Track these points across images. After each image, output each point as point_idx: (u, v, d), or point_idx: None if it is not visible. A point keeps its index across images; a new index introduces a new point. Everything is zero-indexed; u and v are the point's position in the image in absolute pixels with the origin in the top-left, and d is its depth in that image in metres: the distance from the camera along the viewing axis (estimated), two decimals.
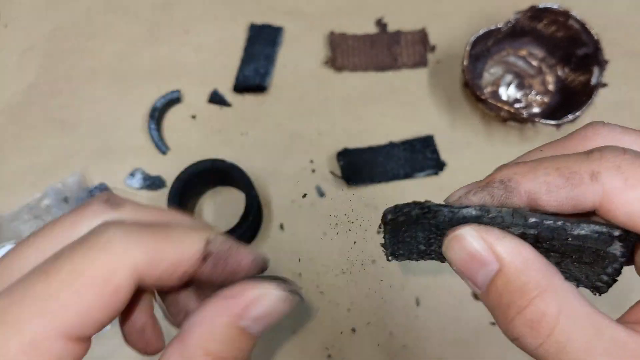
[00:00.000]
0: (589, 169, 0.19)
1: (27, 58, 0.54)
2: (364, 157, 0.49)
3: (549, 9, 0.48)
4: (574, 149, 0.23)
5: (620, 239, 0.22)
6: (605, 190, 0.19)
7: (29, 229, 0.46)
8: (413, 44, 0.53)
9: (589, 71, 0.48)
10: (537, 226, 0.21)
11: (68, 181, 0.48)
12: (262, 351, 0.45)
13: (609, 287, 0.25)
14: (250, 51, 0.53)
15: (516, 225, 0.21)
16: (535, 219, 0.21)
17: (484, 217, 0.21)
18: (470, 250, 0.20)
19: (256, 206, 0.44)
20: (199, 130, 0.51)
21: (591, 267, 0.25)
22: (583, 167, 0.20)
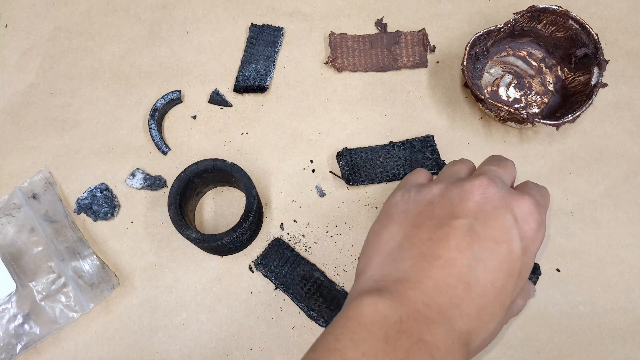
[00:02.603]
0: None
1: (27, 58, 0.54)
2: (364, 157, 0.49)
3: (549, 9, 0.48)
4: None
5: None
6: None
7: (1, 227, 0.47)
8: (413, 44, 0.53)
9: (588, 71, 0.48)
10: None
11: (34, 179, 0.49)
12: (261, 349, 0.45)
13: None
14: (251, 51, 0.53)
15: None
16: None
17: None
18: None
19: (256, 206, 0.44)
20: (199, 130, 0.51)
21: None
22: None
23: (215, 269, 0.47)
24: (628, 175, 0.49)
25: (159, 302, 0.46)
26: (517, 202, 0.33)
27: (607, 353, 0.44)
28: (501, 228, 0.32)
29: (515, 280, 0.32)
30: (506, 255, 0.32)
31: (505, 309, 0.32)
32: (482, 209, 0.33)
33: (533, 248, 0.33)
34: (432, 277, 0.31)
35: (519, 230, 0.32)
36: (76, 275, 0.46)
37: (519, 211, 0.33)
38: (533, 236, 0.33)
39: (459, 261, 0.31)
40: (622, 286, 0.46)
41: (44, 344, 0.45)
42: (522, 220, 0.33)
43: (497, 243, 0.32)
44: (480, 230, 0.32)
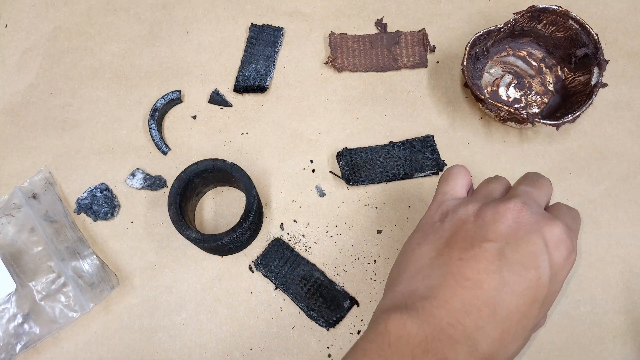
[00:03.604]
0: None
1: (27, 58, 0.54)
2: (364, 157, 0.49)
3: (549, 9, 0.48)
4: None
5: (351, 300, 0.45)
6: None
7: (1, 227, 0.47)
8: (413, 45, 0.53)
9: (588, 71, 0.48)
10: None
11: (34, 179, 0.49)
12: (261, 349, 0.45)
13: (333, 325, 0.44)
14: (251, 51, 0.53)
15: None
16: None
17: None
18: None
19: (256, 206, 0.44)
20: (199, 130, 0.51)
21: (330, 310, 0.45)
22: None
23: (215, 269, 0.47)
24: (628, 175, 0.49)
25: (159, 302, 0.46)
26: (550, 227, 0.33)
27: (608, 353, 0.44)
28: (531, 253, 0.32)
29: (540, 305, 0.32)
30: (534, 282, 0.32)
31: (527, 332, 0.33)
32: (514, 233, 0.33)
33: (561, 275, 0.33)
34: (458, 298, 0.31)
35: (549, 256, 0.32)
36: (76, 275, 0.46)
37: (551, 237, 0.33)
38: (562, 263, 0.33)
39: (486, 284, 0.31)
40: (622, 286, 0.46)
41: (43, 343, 0.45)
42: (553, 247, 0.33)
43: (526, 268, 0.32)
44: (510, 255, 0.32)
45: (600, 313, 0.45)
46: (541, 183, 0.38)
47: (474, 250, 0.33)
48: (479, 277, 0.32)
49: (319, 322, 0.45)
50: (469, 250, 0.33)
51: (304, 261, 0.46)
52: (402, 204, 0.48)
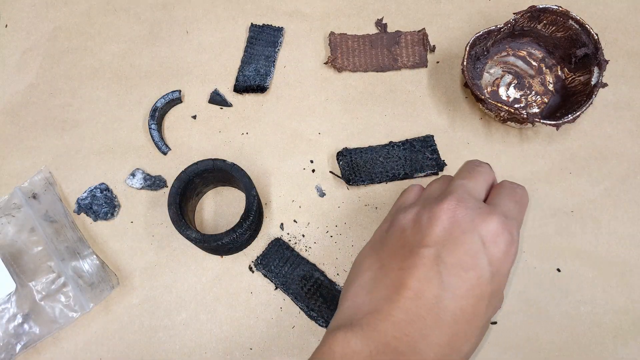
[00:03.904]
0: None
1: (27, 58, 0.54)
2: (364, 157, 0.49)
3: (549, 9, 0.48)
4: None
5: None
6: None
7: (1, 227, 0.47)
8: (413, 45, 0.53)
9: (588, 71, 0.48)
10: None
11: (34, 179, 0.49)
12: (261, 349, 0.45)
13: None
14: (251, 51, 0.53)
15: None
16: None
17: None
18: None
19: (256, 206, 0.44)
20: (199, 130, 0.51)
21: None
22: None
23: (215, 269, 0.47)
24: (628, 175, 0.49)
25: (159, 302, 0.46)
26: (485, 223, 0.33)
27: (608, 353, 0.44)
28: (468, 254, 0.32)
29: (486, 302, 0.32)
30: (475, 282, 0.31)
31: (479, 330, 0.32)
32: (449, 234, 0.33)
33: (504, 269, 0.33)
34: (401, 309, 0.31)
35: (487, 253, 0.32)
36: (76, 275, 0.46)
37: (487, 233, 0.32)
38: (502, 258, 0.33)
39: (427, 291, 0.31)
40: (622, 286, 0.46)
41: (43, 343, 0.45)
42: (491, 243, 0.32)
43: (465, 270, 0.32)
44: (447, 258, 0.32)
45: (600, 313, 0.45)
46: (477, 172, 0.37)
47: (413, 258, 0.32)
48: (419, 286, 0.31)
49: (319, 322, 0.45)
50: (408, 258, 0.33)
51: (304, 261, 0.46)
52: None
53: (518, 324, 0.45)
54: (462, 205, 0.33)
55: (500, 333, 0.45)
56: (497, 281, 0.32)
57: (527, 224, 0.48)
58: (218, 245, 0.43)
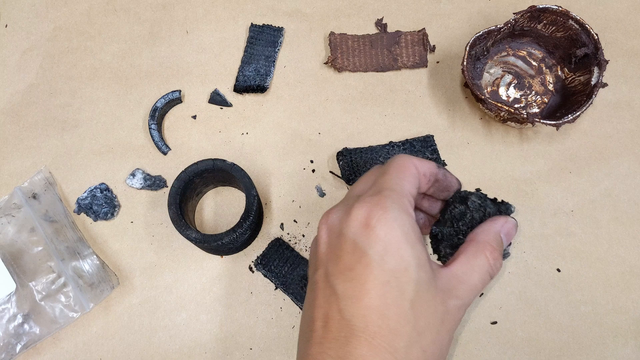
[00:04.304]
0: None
1: (27, 58, 0.54)
2: (364, 157, 0.49)
3: (549, 9, 0.48)
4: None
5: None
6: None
7: (1, 227, 0.47)
8: (413, 44, 0.53)
9: (588, 71, 0.48)
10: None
11: (34, 179, 0.49)
12: (261, 349, 0.45)
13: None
14: (251, 51, 0.53)
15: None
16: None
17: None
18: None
19: (256, 206, 0.44)
20: (199, 130, 0.51)
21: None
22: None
23: (215, 269, 0.47)
24: (628, 175, 0.49)
25: (159, 302, 0.46)
26: (353, 214, 0.31)
27: (608, 353, 0.44)
28: (348, 252, 0.30)
29: (395, 284, 0.29)
30: (367, 274, 0.29)
31: (410, 313, 0.30)
32: (329, 246, 0.32)
33: (392, 238, 0.30)
34: (316, 344, 0.30)
35: (366, 238, 0.30)
36: (76, 275, 0.46)
37: (357, 222, 0.30)
38: (384, 232, 0.30)
39: (331, 312, 0.30)
40: (622, 286, 0.46)
41: (43, 343, 0.45)
42: (364, 228, 0.30)
43: (351, 269, 0.30)
44: (334, 269, 0.31)
45: (600, 313, 0.45)
46: (366, 175, 0.36)
47: (311, 287, 0.32)
48: (324, 312, 0.30)
49: None
50: (310, 289, 0.32)
51: (304, 261, 0.46)
52: None
53: (518, 324, 0.45)
54: (332, 211, 0.33)
55: (500, 333, 0.45)
56: (390, 258, 0.30)
57: (527, 224, 0.48)
58: (218, 245, 0.43)
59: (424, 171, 0.34)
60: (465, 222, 0.36)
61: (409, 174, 0.33)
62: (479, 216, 0.36)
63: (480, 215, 0.36)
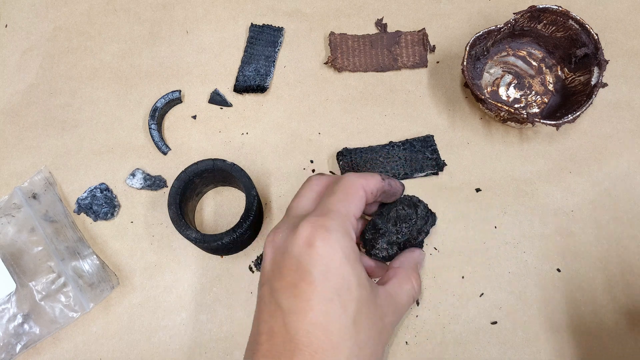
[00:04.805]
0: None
1: (27, 58, 0.54)
2: (364, 157, 0.49)
3: (549, 9, 0.48)
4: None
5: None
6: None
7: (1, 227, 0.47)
8: (413, 45, 0.53)
9: (588, 71, 0.48)
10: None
11: (34, 179, 0.49)
12: None
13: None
14: (251, 51, 0.53)
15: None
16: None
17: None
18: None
19: (256, 206, 0.44)
20: (199, 130, 0.51)
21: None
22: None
23: (215, 269, 0.47)
24: (628, 175, 0.49)
25: (159, 302, 0.46)
26: (297, 233, 0.32)
27: (608, 353, 0.44)
28: (292, 269, 0.32)
29: (338, 302, 0.31)
30: (311, 291, 0.31)
31: (360, 329, 0.31)
32: (275, 263, 0.33)
33: (334, 258, 0.32)
34: (261, 357, 0.31)
35: (309, 257, 0.31)
36: (76, 275, 0.46)
37: (301, 241, 0.32)
38: (326, 253, 0.31)
39: (276, 327, 0.31)
40: (622, 286, 0.46)
41: (43, 344, 0.45)
42: (308, 247, 0.32)
43: (294, 286, 0.31)
44: (278, 285, 0.32)
45: (600, 313, 0.45)
46: (304, 188, 0.38)
47: (258, 302, 0.33)
48: (269, 326, 0.31)
49: None
50: (257, 303, 0.34)
51: None
52: None
53: (518, 324, 0.45)
54: (278, 230, 0.34)
55: (500, 333, 0.45)
56: (333, 277, 0.31)
57: (527, 224, 0.48)
58: (218, 245, 0.43)
59: (371, 189, 0.36)
60: (409, 225, 0.40)
61: (355, 197, 0.35)
62: (421, 224, 0.41)
63: (422, 224, 0.41)
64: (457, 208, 0.48)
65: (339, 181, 0.36)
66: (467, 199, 0.48)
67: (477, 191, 0.49)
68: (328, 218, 0.33)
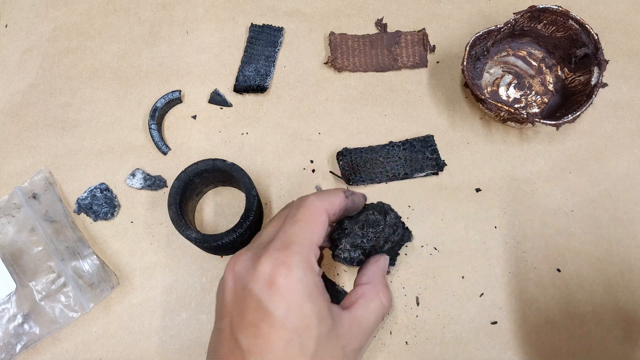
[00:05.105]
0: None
1: (27, 58, 0.54)
2: (364, 157, 0.49)
3: (549, 9, 0.48)
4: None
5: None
6: None
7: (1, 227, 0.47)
8: (413, 44, 0.53)
9: (588, 71, 0.48)
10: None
11: (34, 179, 0.49)
12: None
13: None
14: (251, 51, 0.53)
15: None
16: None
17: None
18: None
19: (256, 206, 0.44)
20: (199, 130, 0.51)
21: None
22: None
23: (215, 269, 0.47)
24: (628, 175, 0.49)
25: (159, 302, 0.46)
26: (258, 268, 0.31)
27: (609, 353, 0.44)
28: (252, 307, 0.31)
29: (299, 342, 0.30)
30: (271, 333, 0.30)
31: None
32: (236, 296, 0.32)
33: (295, 298, 0.31)
34: None
35: (270, 297, 0.31)
36: (76, 275, 0.46)
37: (262, 277, 0.31)
38: (287, 293, 0.31)
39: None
40: (622, 286, 0.46)
41: (43, 344, 0.45)
42: (269, 285, 0.31)
43: (255, 326, 0.31)
44: (238, 323, 0.31)
45: (600, 313, 0.45)
46: (277, 216, 0.37)
47: (216, 334, 0.33)
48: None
49: None
50: (215, 337, 0.33)
51: None
52: (402, 204, 0.48)
53: (518, 324, 0.45)
54: (239, 259, 0.33)
55: (500, 333, 0.45)
56: (293, 317, 0.31)
57: (527, 224, 0.48)
58: (218, 245, 0.43)
59: (334, 211, 0.36)
60: (376, 230, 0.40)
61: (318, 223, 0.34)
62: (388, 232, 0.41)
63: (389, 232, 0.41)
64: (457, 208, 0.48)
65: (300, 206, 0.35)
66: (467, 199, 0.48)
67: (477, 191, 0.49)
68: (289, 252, 0.32)
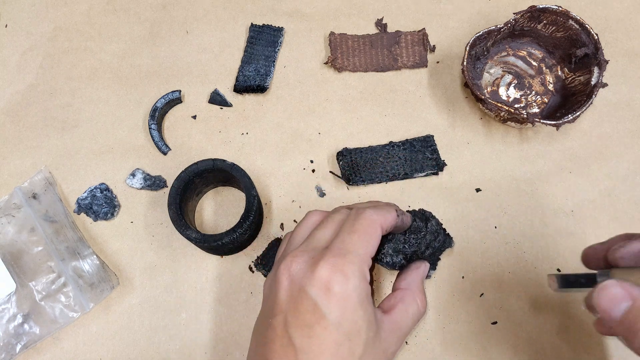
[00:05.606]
0: None
1: (27, 58, 0.54)
2: (364, 157, 0.49)
3: (549, 9, 0.48)
4: None
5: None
6: None
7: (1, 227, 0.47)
8: (413, 44, 0.53)
9: (588, 71, 0.48)
10: None
11: (34, 179, 0.49)
12: None
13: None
14: (251, 51, 0.53)
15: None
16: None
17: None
18: (613, 293, 0.32)
19: (256, 206, 0.44)
20: (199, 130, 0.51)
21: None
22: None
23: (215, 269, 0.47)
24: (628, 175, 0.49)
25: (159, 302, 0.46)
26: (316, 272, 0.33)
27: (609, 353, 0.44)
28: (308, 310, 0.32)
29: (347, 348, 0.32)
30: (325, 335, 0.32)
31: None
32: (290, 295, 0.33)
33: (349, 305, 0.32)
34: None
35: (327, 301, 0.32)
36: (76, 275, 0.46)
37: (319, 282, 0.32)
38: (342, 299, 0.32)
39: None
40: None
41: (43, 343, 0.45)
42: (325, 290, 0.32)
43: (310, 327, 0.32)
44: (293, 322, 0.32)
45: None
46: (328, 220, 0.37)
47: (268, 331, 0.33)
48: (281, 359, 0.32)
49: None
50: (265, 331, 0.34)
51: None
52: (402, 204, 0.48)
53: (518, 324, 0.45)
54: (296, 261, 0.34)
55: (500, 333, 0.45)
56: (346, 322, 0.32)
57: (527, 224, 0.48)
58: (218, 245, 0.43)
59: (387, 227, 0.37)
60: (418, 237, 0.41)
61: (374, 237, 0.36)
62: (429, 239, 0.42)
63: (431, 239, 0.42)
64: (457, 208, 0.48)
65: (358, 217, 0.36)
66: (467, 199, 0.48)
67: (477, 191, 0.49)
68: (346, 261, 0.33)
